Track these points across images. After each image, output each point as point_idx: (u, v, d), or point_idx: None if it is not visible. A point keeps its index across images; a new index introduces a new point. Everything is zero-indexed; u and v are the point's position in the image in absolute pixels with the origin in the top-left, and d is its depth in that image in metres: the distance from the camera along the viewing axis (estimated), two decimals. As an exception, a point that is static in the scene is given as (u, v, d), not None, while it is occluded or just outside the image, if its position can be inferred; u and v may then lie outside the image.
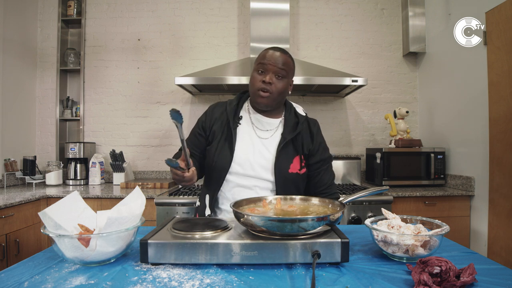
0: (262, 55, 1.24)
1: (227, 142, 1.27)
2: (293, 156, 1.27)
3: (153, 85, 3.08)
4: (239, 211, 0.87)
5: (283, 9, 2.75)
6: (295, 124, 1.31)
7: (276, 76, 1.21)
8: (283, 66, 1.22)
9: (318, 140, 1.34)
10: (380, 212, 1.02)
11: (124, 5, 3.07)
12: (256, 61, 1.26)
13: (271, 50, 1.24)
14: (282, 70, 1.21)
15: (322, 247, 0.82)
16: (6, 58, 2.67)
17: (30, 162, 2.73)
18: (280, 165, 1.24)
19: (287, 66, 1.23)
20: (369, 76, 3.04)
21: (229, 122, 1.28)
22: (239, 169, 1.24)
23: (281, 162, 1.24)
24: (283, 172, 1.24)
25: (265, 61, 1.21)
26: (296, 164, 1.26)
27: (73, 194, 0.96)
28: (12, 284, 0.73)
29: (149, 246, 0.82)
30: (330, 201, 1.05)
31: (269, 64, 1.21)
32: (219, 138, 1.28)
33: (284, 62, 1.22)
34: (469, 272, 0.72)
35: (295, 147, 1.28)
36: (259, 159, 1.25)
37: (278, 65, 1.21)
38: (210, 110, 1.37)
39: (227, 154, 1.25)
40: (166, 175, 3.06)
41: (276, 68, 1.21)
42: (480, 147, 2.27)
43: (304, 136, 1.30)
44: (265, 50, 1.25)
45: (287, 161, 1.25)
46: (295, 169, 1.25)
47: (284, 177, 1.24)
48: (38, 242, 2.22)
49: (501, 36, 2.03)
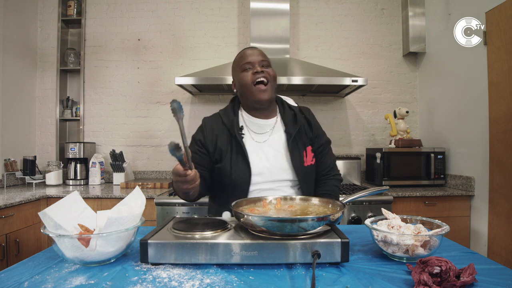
0: (241, 56, 1.29)
1: (239, 156, 1.23)
2: (303, 149, 1.28)
3: (153, 85, 3.08)
4: (239, 211, 0.87)
5: (283, 9, 2.75)
6: (293, 117, 1.33)
7: (263, 66, 1.26)
8: (264, 58, 1.28)
9: (315, 127, 1.36)
10: (380, 212, 1.02)
11: (124, 5, 3.07)
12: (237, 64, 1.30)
13: (248, 49, 1.30)
14: (264, 61, 1.27)
15: (322, 247, 0.82)
16: (6, 58, 2.67)
17: (30, 162, 2.73)
18: (296, 161, 1.25)
19: (267, 57, 1.30)
20: (369, 76, 3.04)
21: (234, 135, 1.25)
22: (259, 179, 1.23)
23: (295, 157, 1.25)
24: (301, 167, 1.25)
25: (248, 59, 1.26)
26: (309, 156, 1.29)
27: (73, 194, 0.96)
28: (12, 284, 0.73)
29: (149, 246, 0.82)
30: (330, 201, 1.05)
31: (252, 59, 1.26)
32: (229, 155, 1.24)
33: (263, 54, 1.29)
34: (469, 272, 0.72)
35: (301, 140, 1.30)
36: (274, 162, 1.25)
37: (259, 57, 1.27)
38: (208, 127, 1.31)
39: (244, 168, 1.22)
40: (166, 175, 3.06)
41: (260, 60, 1.26)
42: (480, 147, 2.27)
43: (305, 126, 1.33)
44: (241, 52, 1.31)
45: (300, 155, 1.27)
46: (309, 161, 1.28)
47: (303, 172, 1.26)
48: (38, 242, 2.22)
49: (501, 36, 2.03)
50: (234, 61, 1.33)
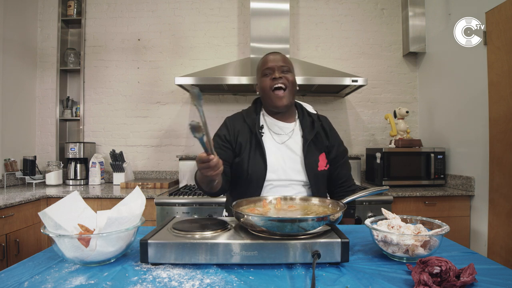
0: (263, 61, 1.35)
1: (257, 152, 1.30)
2: (318, 154, 1.34)
3: (153, 85, 3.08)
4: (239, 211, 0.87)
5: (283, 9, 2.75)
6: (311, 123, 1.38)
7: (282, 71, 1.31)
8: (285, 63, 1.32)
9: (332, 136, 1.41)
10: (380, 212, 1.02)
11: (124, 5, 3.07)
12: (259, 69, 1.36)
13: (270, 54, 1.35)
14: (285, 66, 1.31)
15: (322, 247, 0.82)
16: (6, 58, 2.67)
17: (30, 162, 2.73)
18: (309, 164, 1.30)
19: (288, 63, 1.34)
20: (369, 76, 3.04)
21: (255, 133, 1.32)
22: (273, 176, 1.29)
23: (309, 161, 1.30)
24: (314, 171, 1.30)
25: (268, 65, 1.31)
26: (322, 162, 1.33)
27: (73, 194, 0.96)
28: (12, 284, 0.73)
29: (149, 246, 0.82)
30: (330, 201, 1.05)
31: (272, 65, 1.31)
32: (248, 150, 1.31)
33: (284, 59, 1.33)
34: (469, 272, 0.72)
35: (316, 146, 1.35)
36: (289, 163, 1.31)
37: (279, 63, 1.31)
38: (231, 123, 1.38)
39: (260, 164, 1.28)
40: (166, 175, 3.07)
41: (280, 65, 1.31)
42: (480, 147, 2.27)
43: (321, 133, 1.38)
44: (264, 57, 1.37)
45: (315, 160, 1.32)
46: (322, 166, 1.33)
47: (315, 175, 1.30)
48: (38, 242, 2.22)
49: (501, 36, 2.03)
50: (258, 66, 1.39)
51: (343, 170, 1.42)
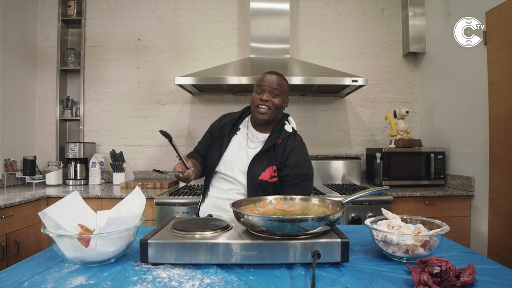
0: (260, 79, 1.45)
1: (218, 147, 1.50)
2: (266, 165, 1.41)
3: (153, 85, 3.08)
4: (239, 211, 0.87)
5: (283, 9, 2.74)
6: (275, 138, 1.46)
7: (272, 94, 1.41)
8: (277, 87, 1.42)
9: (291, 156, 1.42)
10: (380, 212, 1.02)
11: (124, 5, 3.07)
12: (256, 83, 1.47)
13: (268, 74, 1.45)
14: (276, 90, 1.41)
15: (322, 247, 0.82)
16: (6, 58, 2.67)
17: (30, 162, 2.73)
18: (251, 171, 1.41)
19: (281, 87, 1.43)
20: (369, 76, 3.04)
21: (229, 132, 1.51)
22: (222, 169, 1.47)
23: (253, 168, 1.41)
24: (254, 178, 1.40)
25: (262, 84, 1.42)
26: (267, 173, 1.41)
27: (73, 194, 0.96)
28: (12, 284, 0.73)
29: (149, 246, 0.82)
30: (330, 201, 1.05)
31: (265, 85, 1.41)
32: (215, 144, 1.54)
33: (278, 83, 1.42)
34: (469, 272, 0.72)
35: (269, 158, 1.43)
36: (238, 163, 1.45)
37: (273, 85, 1.41)
38: (220, 119, 1.61)
39: (216, 157, 1.48)
40: (166, 175, 3.06)
41: (272, 88, 1.41)
42: (480, 147, 2.27)
43: (279, 149, 1.44)
44: (263, 74, 1.47)
45: (259, 168, 1.40)
46: (266, 177, 1.40)
47: (254, 182, 1.40)
48: (38, 242, 2.22)
49: (501, 36, 2.03)
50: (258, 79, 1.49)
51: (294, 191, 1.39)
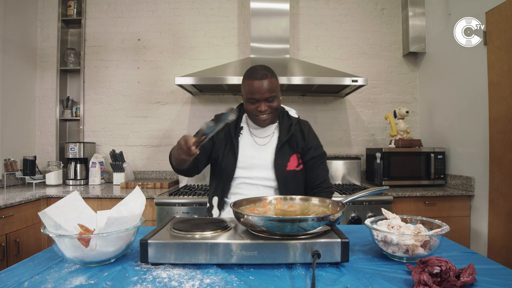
0: (249, 89, 1.32)
1: (230, 150, 1.41)
2: (289, 154, 1.40)
3: (153, 85, 3.08)
4: (239, 211, 0.87)
5: (283, 9, 2.74)
6: (289, 126, 1.45)
7: (268, 101, 1.33)
8: (271, 94, 1.32)
9: (309, 139, 1.46)
10: (380, 212, 1.02)
11: (124, 5, 3.07)
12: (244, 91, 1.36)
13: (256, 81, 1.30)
14: (271, 96, 1.32)
15: (322, 247, 0.82)
16: (6, 58, 2.67)
17: (30, 162, 2.73)
18: (279, 164, 1.37)
19: (274, 90, 1.33)
20: (369, 76, 3.04)
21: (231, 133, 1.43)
22: (243, 173, 1.39)
23: (279, 161, 1.38)
24: (282, 170, 1.37)
25: (254, 96, 1.32)
26: (293, 162, 1.40)
27: (73, 194, 0.96)
28: (12, 284, 0.73)
29: (149, 246, 0.82)
30: (330, 201, 1.05)
31: (258, 96, 1.31)
32: (223, 148, 1.43)
33: (270, 89, 1.31)
34: (469, 272, 0.72)
35: (291, 147, 1.41)
36: (259, 161, 1.39)
37: (266, 94, 1.31)
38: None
39: (231, 161, 1.39)
40: (166, 175, 3.06)
41: (266, 97, 1.32)
42: (480, 147, 2.27)
43: (297, 136, 1.44)
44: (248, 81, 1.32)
45: (285, 160, 1.39)
46: (292, 166, 1.39)
47: (283, 174, 1.37)
48: (38, 242, 2.22)
49: (501, 36, 2.03)
50: (243, 84, 1.37)
51: (320, 172, 1.46)
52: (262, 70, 1.33)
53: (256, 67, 1.36)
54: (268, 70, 1.34)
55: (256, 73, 1.32)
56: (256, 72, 1.32)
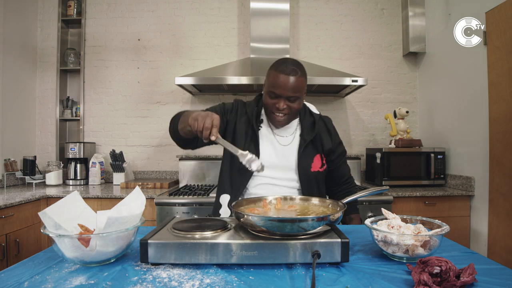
0: (272, 81, 1.20)
1: (252, 145, 1.29)
2: (313, 155, 1.32)
3: (153, 85, 3.08)
4: (239, 211, 0.87)
5: (283, 9, 2.75)
6: (312, 124, 1.37)
7: (289, 100, 1.22)
8: (295, 93, 1.20)
9: (335, 137, 1.41)
10: (380, 212, 1.02)
11: (124, 5, 3.07)
12: (268, 82, 1.23)
13: (283, 75, 1.18)
14: (293, 96, 1.21)
15: (322, 247, 0.82)
16: (6, 58, 2.67)
17: (30, 162, 2.73)
18: (303, 165, 1.30)
19: (299, 91, 1.21)
20: (369, 76, 3.04)
21: (252, 125, 1.31)
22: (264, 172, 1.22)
23: (303, 162, 1.30)
24: (306, 172, 1.30)
25: (275, 90, 1.19)
26: (317, 163, 1.32)
27: (73, 194, 0.96)
28: (12, 284, 0.73)
29: (149, 246, 0.82)
30: (330, 201, 1.05)
31: (280, 92, 1.19)
32: (243, 140, 1.30)
33: (295, 87, 1.19)
34: (469, 272, 0.71)
35: (315, 147, 1.34)
36: (282, 161, 1.30)
37: (289, 92, 1.19)
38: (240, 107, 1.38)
39: None
40: (166, 175, 3.06)
41: (288, 96, 1.20)
42: (480, 147, 2.27)
43: (322, 135, 1.36)
44: (275, 73, 1.20)
45: (309, 161, 1.31)
46: (316, 167, 1.32)
47: (307, 176, 1.30)
48: (38, 242, 2.22)
49: (501, 36, 2.03)
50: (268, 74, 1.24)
51: (345, 169, 1.45)
52: (293, 65, 1.20)
53: (288, 60, 1.23)
54: (299, 67, 1.22)
55: (285, 66, 1.19)
56: (285, 66, 1.20)
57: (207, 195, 2.28)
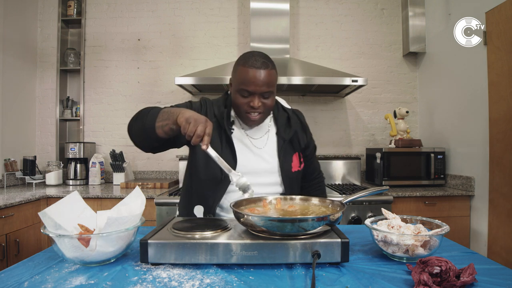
0: (243, 78, 1.09)
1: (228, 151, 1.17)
2: (291, 154, 1.26)
3: (153, 85, 3.08)
4: (239, 211, 0.87)
5: (283, 9, 2.75)
6: (287, 120, 1.28)
7: (263, 97, 1.12)
8: (269, 88, 1.11)
9: (309, 131, 1.36)
10: (380, 212, 1.02)
11: (124, 5, 3.07)
12: (237, 80, 1.12)
13: (252, 70, 1.08)
14: (268, 91, 1.11)
15: (322, 247, 0.82)
16: (6, 58, 2.67)
17: (30, 162, 2.73)
18: (285, 166, 1.23)
19: (273, 85, 1.12)
20: (369, 76, 3.04)
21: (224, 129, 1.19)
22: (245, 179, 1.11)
23: (284, 163, 1.23)
24: (288, 173, 1.23)
25: (248, 88, 1.09)
26: (296, 162, 1.26)
27: (73, 194, 0.96)
28: (12, 284, 0.73)
29: (149, 246, 0.82)
30: (330, 201, 1.05)
31: (253, 89, 1.09)
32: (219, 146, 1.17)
33: (269, 82, 1.10)
34: (469, 272, 0.71)
35: (292, 146, 1.26)
36: (262, 165, 1.21)
37: (263, 88, 1.09)
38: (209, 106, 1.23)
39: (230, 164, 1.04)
40: (166, 175, 3.06)
41: (262, 91, 1.10)
42: (480, 147, 2.27)
43: (298, 132, 1.28)
44: (245, 68, 1.09)
45: (289, 161, 1.25)
46: (296, 167, 1.26)
47: (289, 177, 1.24)
48: (38, 242, 2.22)
49: (501, 36, 2.03)
50: (235, 71, 1.14)
51: (316, 163, 1.42)
52: (262, 58, 1.10)
53: (255, 53, 1.13)
54: (268, 59, 1.13)
55: (255, 60, 1.09)
56: (255, 59, 1.09)
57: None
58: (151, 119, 1.03)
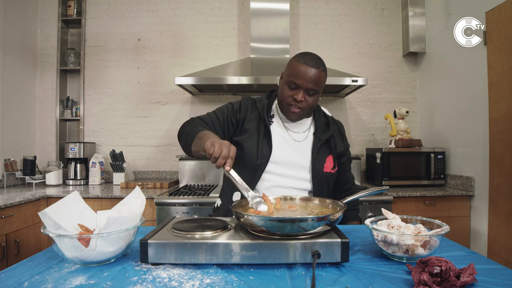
0: (294, 71, 1.18)
1: (265, 140, 1.25)
2: (326, 155, 1.30)
3: (153, 85, 3.08)
4: (239, 211, 0.87)
5: (283, 9, 2.75)
6: (326, 124, 1.35)
7: (308, 93, 1.20)
8: (315, 86, 1.19)
9: (346, 142, 1.41)
10: (380, 212, 1.02)
11: (124, 5, 3.07)
12: (288, 72, 1.21)
13: (306, 66, 1.17)
14: (313, 90, 1.20)
15: (322, 247, 0.82)
16: (6, 58, 2.67)
17: (30, 162, 2.73)
18: (317, 164, 1.27)
19: (319, 84, 1.20)
20: (369, 76, 3.04)
21: (263, 119, 1.27)
22: (276, 169, 1.24)
23: (317, 161, 1.27)
24: (319, 172, 1.27)
25: (296, 80, 1.18)
26: (329, 164, 1.30)
27: (73, 194, 0.96)
28: (12, 284, 0.73)
29: (149, 246, 0.82)
30: (331, 201, 1.05)
31: (301, 82, 1.17)
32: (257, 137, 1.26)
33: (317, 81, 1.18)
34: (469, 272, 0.71)
35: (328, 147, 1.32)
36: (296, 158, 1.27)
37: (310, 84, 1.18)
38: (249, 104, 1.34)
39: (265, 153, 1.22)
40: (166, 175, 3.06)
41: (309, 88, 1.18)
42: (480, 147, 2.27)
43: (336, 137, 1.35)
44: (298, 64, 1.18)
45: (322, 161, 1.29)
46: (329, 168, 1.29)
47: (319, 177, 1.27)
48: (38, 242, 2.22)
49: (501, 36, 2.03)
50: (289, 65, 1.23)
51: (350, 175, 1.46)
52: (316, 59, 1.20)
53: (312, 54, 1.22)
54: (321, 62, 1.22)
55: (309, 58, 1.19)
56: (309, 58, 1.19)
57: (207, 195, 2.28)
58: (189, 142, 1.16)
